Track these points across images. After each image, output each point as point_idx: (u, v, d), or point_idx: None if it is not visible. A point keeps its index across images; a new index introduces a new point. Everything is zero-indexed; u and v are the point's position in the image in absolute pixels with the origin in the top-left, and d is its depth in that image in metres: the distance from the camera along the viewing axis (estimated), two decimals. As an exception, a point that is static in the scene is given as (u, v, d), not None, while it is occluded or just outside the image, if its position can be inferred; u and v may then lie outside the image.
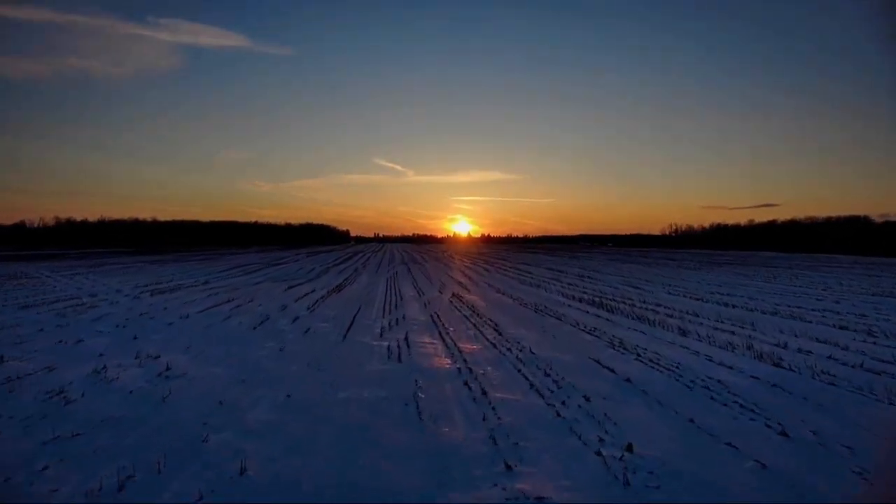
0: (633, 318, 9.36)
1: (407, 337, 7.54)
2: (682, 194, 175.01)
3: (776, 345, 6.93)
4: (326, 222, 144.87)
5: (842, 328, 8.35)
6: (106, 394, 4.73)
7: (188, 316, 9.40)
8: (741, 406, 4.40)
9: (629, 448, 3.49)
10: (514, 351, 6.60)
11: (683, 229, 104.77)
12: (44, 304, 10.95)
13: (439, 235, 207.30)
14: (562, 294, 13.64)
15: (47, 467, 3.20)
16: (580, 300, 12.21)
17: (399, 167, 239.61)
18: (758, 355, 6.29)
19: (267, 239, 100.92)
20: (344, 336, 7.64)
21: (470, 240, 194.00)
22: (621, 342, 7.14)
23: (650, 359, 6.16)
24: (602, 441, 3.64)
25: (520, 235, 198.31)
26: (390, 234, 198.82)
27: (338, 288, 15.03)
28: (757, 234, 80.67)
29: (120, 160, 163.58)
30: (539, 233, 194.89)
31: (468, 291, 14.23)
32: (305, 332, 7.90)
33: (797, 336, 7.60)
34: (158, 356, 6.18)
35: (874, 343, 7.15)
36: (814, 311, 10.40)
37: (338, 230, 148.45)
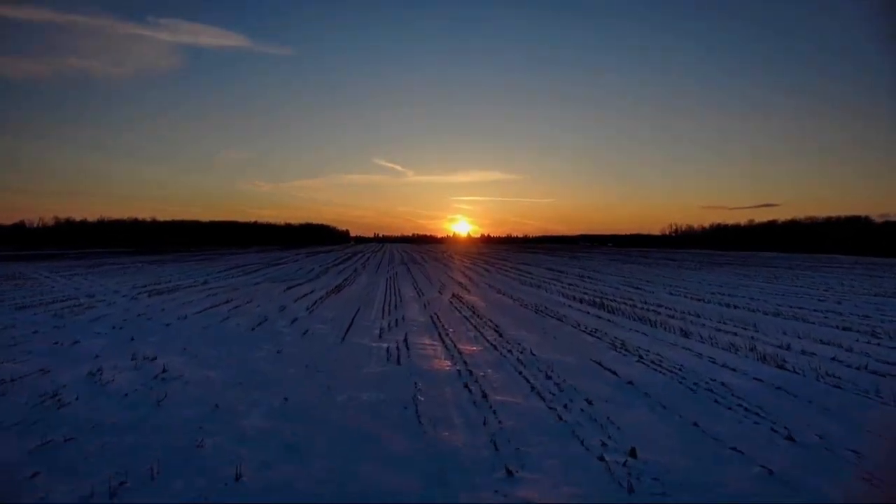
0: (635, 320, 9.29)
1: (406, 338, 7.46)
2: (682, 194, 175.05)
3: (779, 346, 6.86)
4: (326, 222, 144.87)
5: (845, 329, 8.28)
6: (100, 397, 4.65)
7: (186, 317, 9.33)
8: (746, 409, 4.33)
9: (633, 453, 3.41)
10: (515, 353, 6.53)
11: (683, 229, 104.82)
12: (40, 305, 10.87)
13: (439, 235, 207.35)
14: (562, 295, 13.57)
15: (37, 474, 3.12)
16: (581, 301, 12.14)
17: (399, 167, 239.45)
18: (761, 357, 6.22)
19: (267, 239, 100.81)
20: (343, 337, 7.57)
21: (470, 240, 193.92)
22: (623, 344, 7.07)
23: (652, 361, 6.09)
24: (605, 446, 3.56)
25: (520, 235, 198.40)
26: (390, 235, 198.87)
27: (337, 288, 14.96)
28: (757, 234, 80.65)
29: (120, 160, 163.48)
30: (539, 233, 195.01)
31: (468, 292, 14.16)
32: (304, 334, 7.83)
33: (800, 337, 7.54)
34: (155, 358, 6.11)
35: (878, 344, 7.08)
36: (816, 312, 10.34)
37: (338, 230, 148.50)
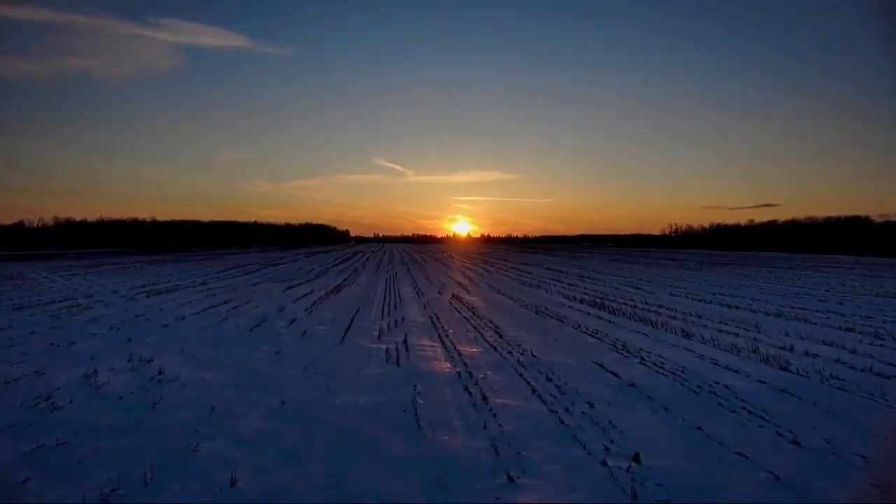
0: (636, 320, 9.23)
1: (406, 339, 7.40)
2: (682, 194, 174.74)
3: (782, 347, 6.80)
4: (326, 222, 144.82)
5: (847, 330, 8.22)
6: (95, 399, 4.59)
7: (184, 318, 9.26)
8: (750, 412, 4.27)
9: (636, 458, 3.35)
10: (515, 354, 6.47)
11: (683, 229, 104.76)
12: (38, 306, 10.81)
13: (439, 235, 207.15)
14: (562, 295, 13.51)
15: (28, 479, 3.06)
16: (581, 301, 12.08)
17: (399, 167, 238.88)
18: (764, 359, 6.15)
19: (267, 239, 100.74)
20: (342, 338, 7.51)
21: (470, 240, 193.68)
22: (624, 345, 7.01)
23: (654, 362, 6.03)
24: (608, 450, 3.50)
25: (520, 235, 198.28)
26: (390, 235, 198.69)
27: (336, 289, 14.89)
28: (757, 235, 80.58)
29: (120, 160, 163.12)
30: (539, 233, 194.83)
31: (468, 292, 14.10)
32: (303, 335, 7.77)
33: (803, 338, 7.47)
34: (151, 359, 6.05)
35: (882, 346, 7.02)
36: (818, 313, 10.28)
37: (337, 230, 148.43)
